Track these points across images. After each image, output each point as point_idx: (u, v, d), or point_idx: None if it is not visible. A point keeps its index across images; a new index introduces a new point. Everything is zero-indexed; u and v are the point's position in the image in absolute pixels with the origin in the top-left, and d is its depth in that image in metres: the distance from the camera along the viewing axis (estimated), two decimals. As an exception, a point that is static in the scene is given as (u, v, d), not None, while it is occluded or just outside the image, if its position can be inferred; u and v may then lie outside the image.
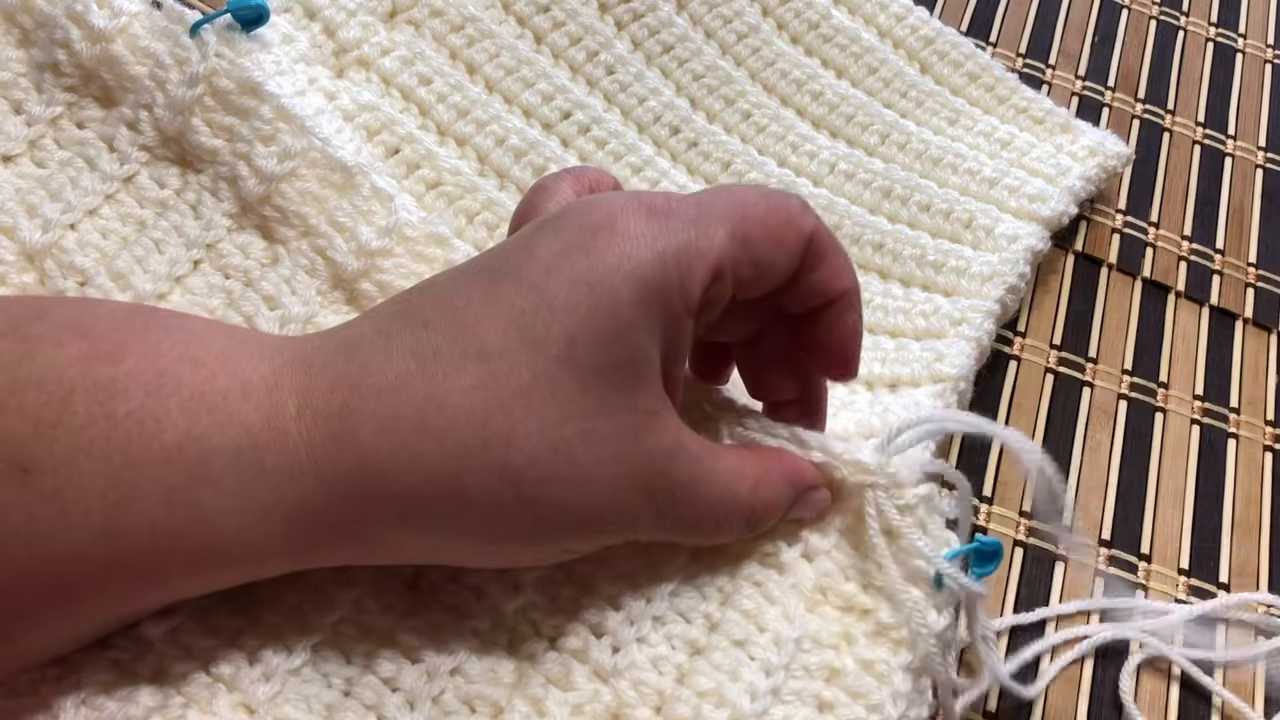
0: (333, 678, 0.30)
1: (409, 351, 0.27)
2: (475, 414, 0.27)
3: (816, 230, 0.30)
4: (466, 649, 0.31)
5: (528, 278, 0.28)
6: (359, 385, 0.27)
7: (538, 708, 0.31)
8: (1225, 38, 0.59)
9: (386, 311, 0.29)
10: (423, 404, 0.27)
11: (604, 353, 0.27)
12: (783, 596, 0.33)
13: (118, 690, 0.29)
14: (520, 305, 0.27)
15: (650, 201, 0.29)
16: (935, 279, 0.44)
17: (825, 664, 0.32)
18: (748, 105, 0.47)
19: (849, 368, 0.32)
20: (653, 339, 0.28)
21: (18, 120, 0.37)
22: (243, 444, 0.26)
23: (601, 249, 0.28)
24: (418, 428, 0.27)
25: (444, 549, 0.30)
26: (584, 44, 0.45)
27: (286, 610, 0.31)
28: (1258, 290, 0.50)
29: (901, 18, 0.51)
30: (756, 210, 0.29)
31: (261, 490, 0.27)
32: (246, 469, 0.26)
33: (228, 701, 0.29)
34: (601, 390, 0.27)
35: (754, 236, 0.29)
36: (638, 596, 0.32)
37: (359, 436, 0.27)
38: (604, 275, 0.27)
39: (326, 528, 0.28)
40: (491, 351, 0.27)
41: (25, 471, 0.25)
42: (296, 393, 0.27)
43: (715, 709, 0.31)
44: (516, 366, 0.27)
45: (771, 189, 0.31)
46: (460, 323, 0.27)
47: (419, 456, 0.27)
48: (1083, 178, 0.47)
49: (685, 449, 0.29)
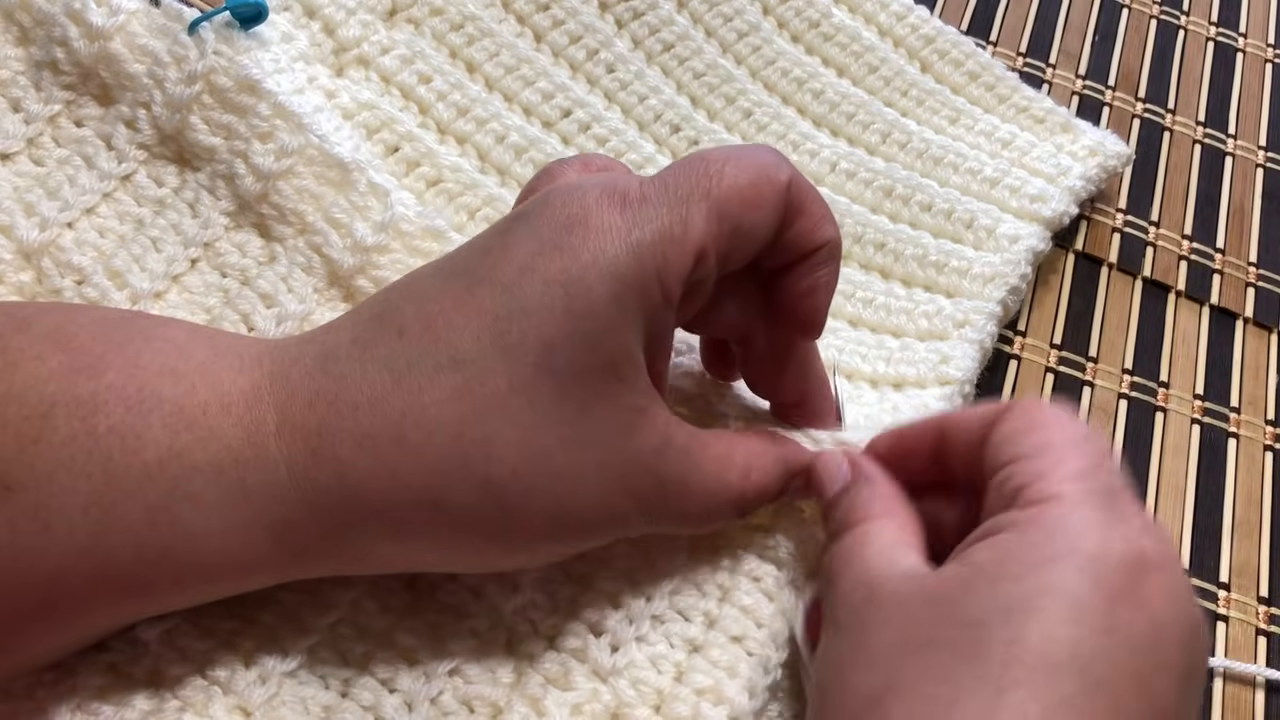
0: (330, 679, 0.30)
1: (384, 365, 0.27)
2: (452, 426, 0.26)
3: (793, 180, 0.29)
4: (465, 649, 0.31)
5: (501, 280, 0.27)
6: (336, 401, 0.27)
7: (536, 708, 0.31)
8: (1226, 37, 0.59)
9: (365, 315, 0.28)
10: (399, 419, 0.26)
11: (583, 355, 0.27)
12: (781, 592, 0.33)
13: (113, 695, 0.29)
14: (494, 310, 0.27)
15: (625, 190, 0.28)
16: (937, 279, 0.44)
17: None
18: (748, 103, 0.47)
19: (816, 325, 0.31)
20: (634, 335, 0.27)
21: (15, 118, 0.36)
22: (224, 461, 0.26)
23: (575, 246, 0.27)
24: (395, 443, 0.26)
25: (432, 559, 0.29)
26: (584, 42, 0.45)
27: (283, 611, 0.31)
28: (1258, 290, 0.50)
29: (902, 16, 0.51)
30: (730, 175, 0.28)
31: (244, 507, 0.26)
32: (228, 486, 0.26)
33: (223, 705, 0.29)
34: (582, 394, 0.27)
35: (730, 206, 0.28)
36: (637, 595, 0.32)
37: (338, 454, 0.26)
38: (579, 274, 0.26)
39: (312, 541, 0.27)
40: (465, 360, 0.26)
41: (7, 488, 0.25)
42: (276, 408, 0.27)
43: (714, 706, 0.31)
44: (492, 375, 0.26)
45: (741, 146, 0.30)
46: (434, 331, 0.27)
47: (397, 473, 0.26)
48: (1083, 177, 0.47)
49: (673, 443, 0.29)
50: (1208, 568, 0.42)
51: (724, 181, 0.28)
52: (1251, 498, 0.44)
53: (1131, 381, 0.47)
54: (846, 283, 0.43)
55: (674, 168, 0.28)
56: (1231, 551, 0.43)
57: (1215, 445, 0.46)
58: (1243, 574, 0.42)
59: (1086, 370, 0.47)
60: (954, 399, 0.40)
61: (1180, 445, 0.45)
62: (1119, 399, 0.46)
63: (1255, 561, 0.43)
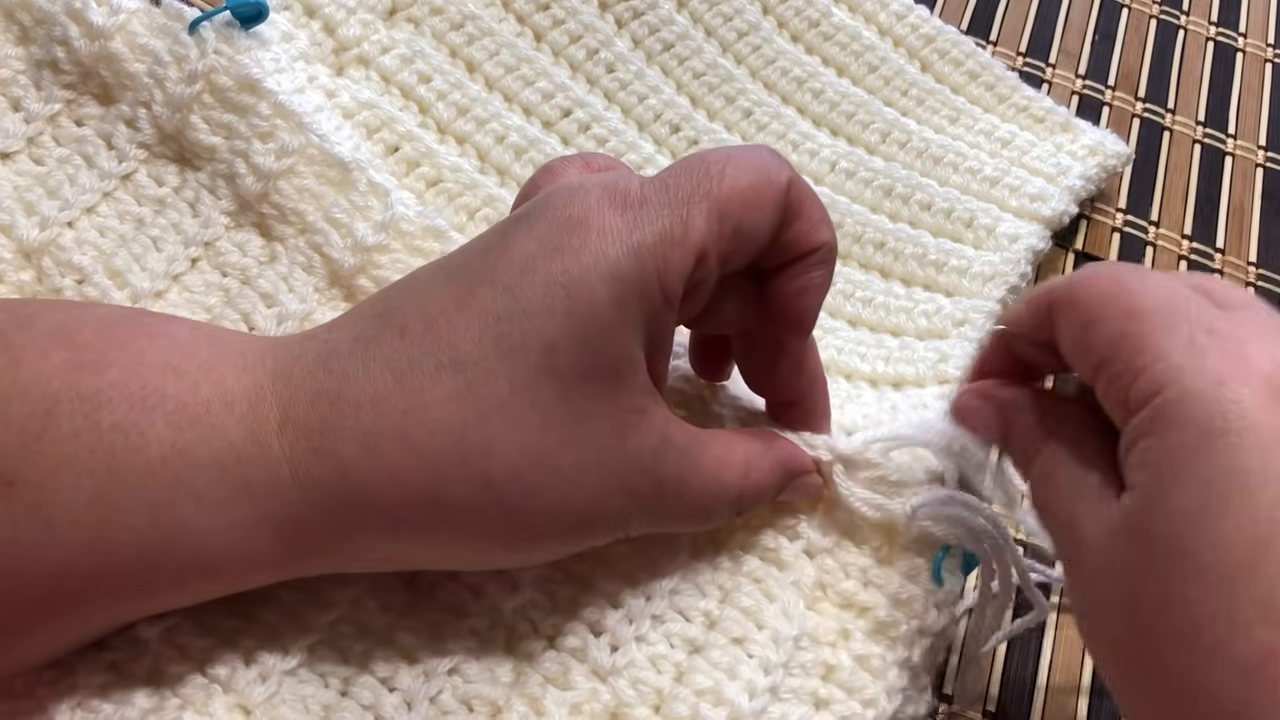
0: (329, 678, 0.30)
1: (386, 364, 0.27)
2: (454, 426, 0.26)
3: (792, 181, 0.29)
4: (464, 648, 0.31)
5: (503, 280, 0.27)
6: (338, 400, 0.27)
7: (535, 707, 0.31)
8: (1226, 37, 0.59)
9: (367, 313, 0.29)
10: (401, 419, 0.26)
11: (584, 357, 0.27)
12: (782, 593, 0.33)
13: (113, 693, 0.29)
14: (495, 311, 0.27)
15: (626, 191, 0.28)
16: (937, 278, 0.44)
17: (821, 661, 0.32)
18: (748, 103, 0.47)
19: (805, 325, 0.31)
20: (635, 337, 0.27)
21: (16, 117, 0.36)
22: (227, 459, 0.26)
23: (576, 247, 0.27)
24: (396, 443, 0.26)
25: (432, 557, 0.29)
26: (584, 42, 0.45)
27: (284, 609, 0.31)
28: (1258, 290, 0.50)
29: (901, 16, 0.51)
30: (730, 176, 0.28)
31: (246, 505, 0.26)
32: (231, 484, 0.26)
33: (224, 703, 0.29)
34: (583, 396, 0.27)
35: (731, 207, 0.28)
36: (637, 594, 0.32)
37: (339, 452, 0.26)
38: (580, 276, 0.26)
39: (314, 540, 0.27)
40: (467, 361, 0.27)
41: (10, 484, 0.25)
42: (279, 406, 0.27)
43: (713, 707, 0.31)
44: (494, 377, 0.26)
45: (742, 146, 0.30)
46: (435, 331, 0.27)
47: (398, 472, 0.27)
48: (1083, 177, 0.47)
49: (672, 444, 0.29)
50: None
51: (725, 182, 0.28)
52: (1251, 497, 0.44)
53: (1131, 381, 0.47)
54: (846, 282, 0.43)
55: (674, 169, 0.28)
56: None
57: (1215, 445, 0.45)
58: (1242, 573, 0.42)
59: (1086, 370, 0.47)
60: (952, 398, 0.40)
61: (1180, 445, 0.45)
62: (1119, 398, 0.46)
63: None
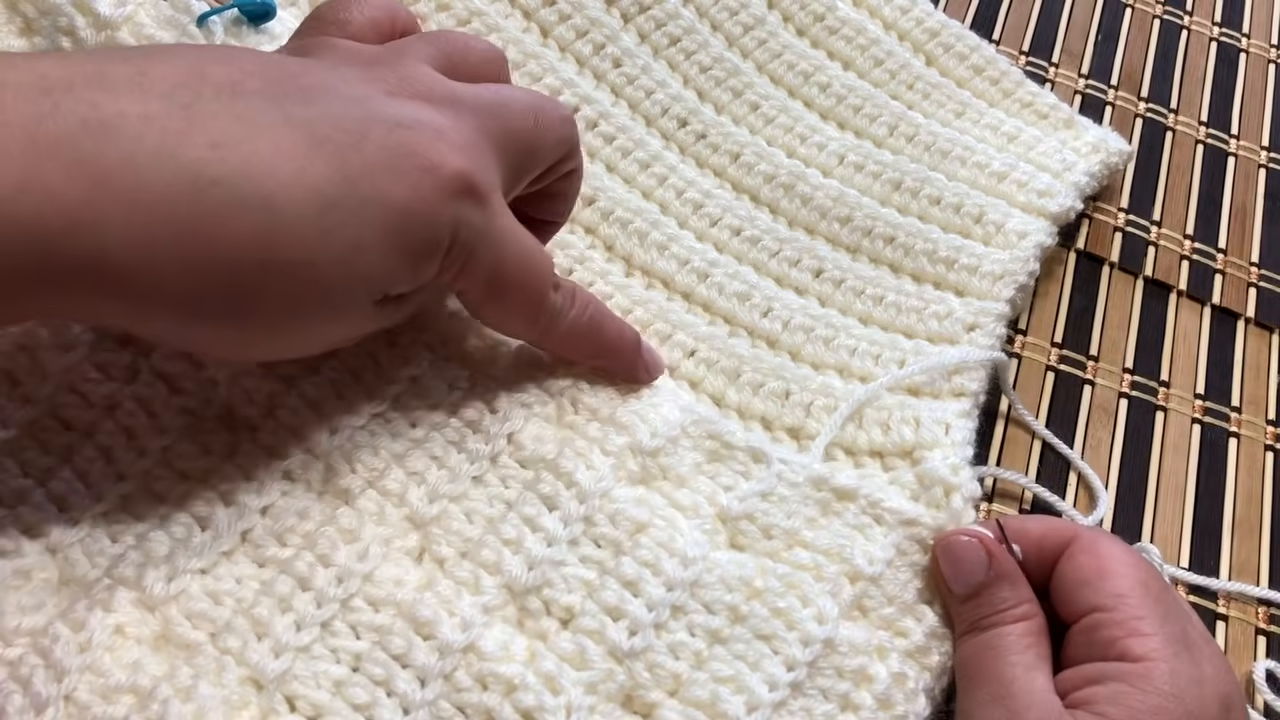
0: (368, 664, 0.31)
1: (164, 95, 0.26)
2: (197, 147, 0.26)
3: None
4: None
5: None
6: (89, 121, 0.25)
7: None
8: (1229, 37, 0.59)
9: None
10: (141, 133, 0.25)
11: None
12: (817, 599, 0.33)
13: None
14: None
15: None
16: (947, 276, 0.43)
17: (859, 667, 0.33)
18: (755, 97, 0.47)
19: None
20: None
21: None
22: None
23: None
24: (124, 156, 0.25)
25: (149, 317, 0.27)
26: (590, 37, 0.45)
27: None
28: (1260, 290, 0.50)
29: (906, 10, 0.51)
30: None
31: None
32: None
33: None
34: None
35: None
36: (658, 583, 0.33)
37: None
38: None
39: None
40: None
41: None
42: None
43: (733, 694, 0.31)
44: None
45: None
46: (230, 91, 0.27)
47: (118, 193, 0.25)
48: (1087, 173, 0.47)
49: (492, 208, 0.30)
50: (1208, 567, 0.43)
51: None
52: (1252, 497, 0.45)
53: (1132, 381, 0.47)
54: (856, 278, 0.43)
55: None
56: (1232, 551, 0.43)
57: (1216, 445, 0.46)
58: (1242, 573, 0.43)
59: (1087, 369, 0.47)
60: (970, 410, 0.40)
61: (1181, 444, 0.46)
62: (1119, 398, 0.46)
63: (1255, 561, 0.43)
